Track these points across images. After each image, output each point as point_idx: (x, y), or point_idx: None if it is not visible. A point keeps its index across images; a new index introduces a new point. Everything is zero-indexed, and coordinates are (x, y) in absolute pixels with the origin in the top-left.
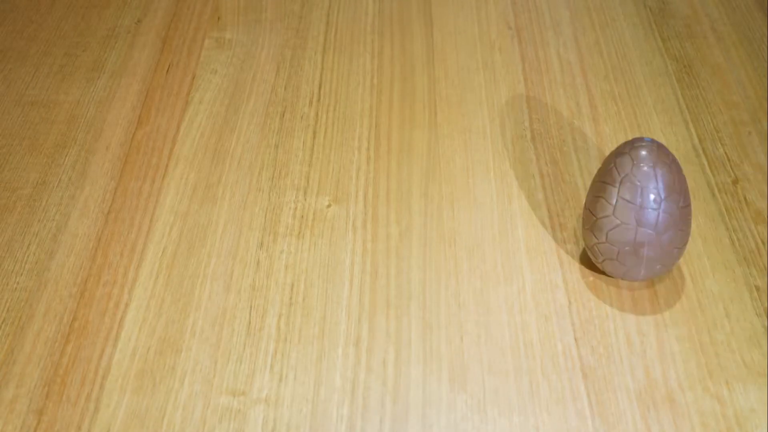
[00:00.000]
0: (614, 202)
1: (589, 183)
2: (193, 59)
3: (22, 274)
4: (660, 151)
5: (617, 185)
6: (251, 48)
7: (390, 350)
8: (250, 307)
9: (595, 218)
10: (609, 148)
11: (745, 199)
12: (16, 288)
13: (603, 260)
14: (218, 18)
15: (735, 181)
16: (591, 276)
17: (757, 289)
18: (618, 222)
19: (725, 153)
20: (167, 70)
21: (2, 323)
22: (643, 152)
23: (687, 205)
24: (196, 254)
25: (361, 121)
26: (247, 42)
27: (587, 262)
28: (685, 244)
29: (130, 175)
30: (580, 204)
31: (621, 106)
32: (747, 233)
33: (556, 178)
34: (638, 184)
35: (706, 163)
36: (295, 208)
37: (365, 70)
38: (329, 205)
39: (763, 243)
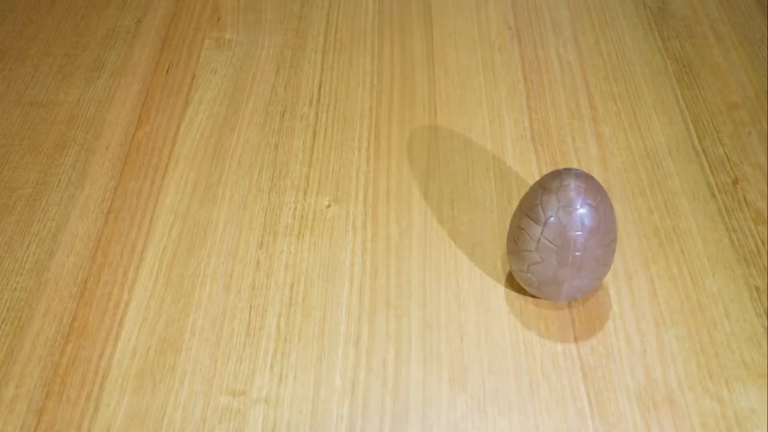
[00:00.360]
0: (537, 239)
1: None
2: (193, 59)
3: (21, 274)
4: (588, 190)
5: (541, 225)
6: (251, 48)
7: (390, 350)
8: (250, 307)
9: (517, 248)
10: (609, 148)
11: (745, 199)
12: (16, 288)
13: (524, 284)
14: (218, 18)
15: (735, 181)
16: None
17: (757, 289)
18: (539, 259)
19: (725, 153)
20: (167, 70)
21: (2, 323)
22: (571, 193)
23: (612, 241)
24: (196, 254)
25: (361, 121)
26: (246, 42)
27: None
28: (606, 273)
29: (130, 175)
30: None
31: (621, 106)
32: (747, 233)
33: None
34: (562, 228)
35: (706, 163)
36: (295, 208)
37: (365, 71)
38: (329, 206)
39: (763, 243)
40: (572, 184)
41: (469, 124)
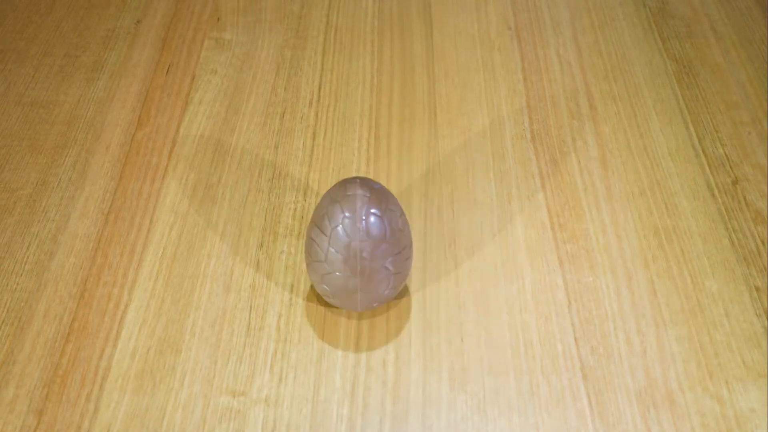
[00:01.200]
0: (325, 250)
1: (588, 183)
2: (192, 60)
3: (21, 275)
4: (373, 199)
5: (328, 235)
6: (251, 48)
7: (390, 350)
8: (250, 308)
9: (311, 259)
10: (609, 148)
11: (744, 199)
12: (16, 288)
13: (323, 295)
14: (218, 18)
15: (735, 182)
16: (591, 277)
17: (757, 289)
18: (329, 270)
19: (725, 153)
20: (167, 71)
21: (2, 323)
22: (355, 202)
23: (404, 249)
24: (196, 254)
25: (360, 121)
26: (246, 42)
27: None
28: (403, 281)
29: (130, 176)
30: (580, 204)
31: (621, 106)
32: (747, 233)
33: (556, 178)
34: (347, 238)
35: (706, 163)
36: (295, 209)
37: (365, 71)
38: None
39: (763, 243)
40: (357, 192)
41: (469, 124)
